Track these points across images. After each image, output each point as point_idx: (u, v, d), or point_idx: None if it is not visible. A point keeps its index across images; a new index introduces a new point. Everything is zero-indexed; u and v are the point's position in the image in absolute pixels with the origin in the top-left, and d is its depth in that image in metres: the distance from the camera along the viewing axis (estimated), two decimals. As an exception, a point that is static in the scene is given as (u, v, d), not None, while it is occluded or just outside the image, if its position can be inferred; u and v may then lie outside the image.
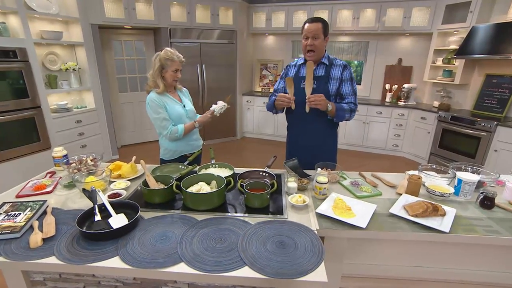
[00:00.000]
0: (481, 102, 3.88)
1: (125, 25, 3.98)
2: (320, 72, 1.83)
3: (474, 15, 3.63)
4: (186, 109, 1.96)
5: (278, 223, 1.19)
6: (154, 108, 1.81)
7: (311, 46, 1.73)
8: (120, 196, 1.40)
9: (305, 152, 1.85)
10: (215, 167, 1.70)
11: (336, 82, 1.81)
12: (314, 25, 1.71)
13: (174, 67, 1.83)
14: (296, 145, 1.99)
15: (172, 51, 1.82)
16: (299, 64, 1.91)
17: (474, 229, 1.17)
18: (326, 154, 1.83)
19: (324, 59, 1.83)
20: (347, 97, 1.83)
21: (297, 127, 1.95)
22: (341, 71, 1.81)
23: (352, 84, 1.84)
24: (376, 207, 1.29)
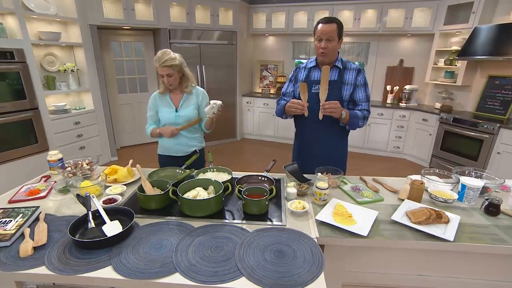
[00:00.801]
0: (484, 103, 3.84)
1: (124, 25, 3.95)
2: (333, 77, 1.73)
3: (477, 15, 3.59)
4: (177, 114, 1.91)
5: (277, 231, 1.16)
6: (148, 106, 1.98)
7: (324, 49, 1.63)
8: (115, 202, 1.37)
9: (314, 161, 1.73)
10: (213, 171, 1.67)
11: (350, 87, 1.72)
12: (328, 26, 1.60)
13: (159, 72, 1.79)
14: (304, 152, 1.90)
15: (159, 55, 1.76)
16: (310, 67, 1.80)
17: (479, 237, 1.13)
18: (335, 163, 1.68)
19: (338, 62, 1.73)
20: (360, 104, 1.75)
21: (307, 134, 1.85)
22: (355, 75, 1.72)
23: (366, 90, 1.75)
24: (377, 214, 1.25)
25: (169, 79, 1.81)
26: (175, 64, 1.78)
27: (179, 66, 1.82)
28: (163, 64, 1.74)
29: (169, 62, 1.75)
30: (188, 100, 1.95)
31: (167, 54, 1.77)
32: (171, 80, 1.82)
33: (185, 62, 1.89)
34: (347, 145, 1.92)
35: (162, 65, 1.75)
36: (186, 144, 2.00)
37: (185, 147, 2.01)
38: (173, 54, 1.80)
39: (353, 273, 1.25)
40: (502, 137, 3.25)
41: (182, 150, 2.01)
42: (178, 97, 1.94)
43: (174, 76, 1.82)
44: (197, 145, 2.06)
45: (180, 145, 2.00)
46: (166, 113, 1.91)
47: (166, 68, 1.76)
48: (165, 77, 1.80)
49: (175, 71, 1.81)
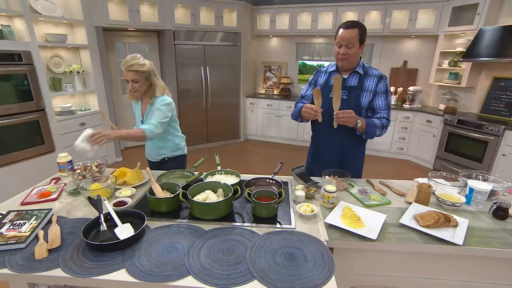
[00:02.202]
0: (488, 105, 3.84)
1: (129, 27, 3.98)
2: (353, 82, 1.67)
3: (482, 17, 3.59)
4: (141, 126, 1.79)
5: (287, 234, 1.17)
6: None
7: (343, 55, 1.58)
8: (125, 204, 1.39)
9: (328, 166, 1.68)
10: (221, 174, 1.69)
11: (370, 95, 1.65)
12: (349, 32, 1.53)
13: (124, 76, 1.76)
14: (319, 158, 1.86)
15: (128, 58, 1.72)
16: (330, 71, 1.75)
17: (488, 241, 1.14)
18: (351, 170, 1.63)
19: (359, 68, 1.66)
20: (379, 112, 1.67)
21: (322, 140, 1.81)
22: (376, 82, 1.65)
23: (387, 98, 1.67)
24: (386, 217, 1.26)
25: (134, 85, 1.76)
26: (142, 70, 1.73)
27: (147, 73, 1.76)
28: (129, 68, 1.70)
29: (135, 67, 1.71)
30: (151, 112, 1.86)
31: (136, 58, 1.73)
32: (136, 86, 1.76)
33: (156, 71, 1.83)
34: (364, 153, 1.87)
35: (128, 69, 1.70)
36: (155, 152, 2.02)
37: (154, 154, 2.03)
38: (144, 61, 1.76)
39: (361, 275, 1.26)
40: (508, 139, 3.24)
41: (152, 156, 2.04)
42: (145, 107, 1.91)
43: (140, 82, 1.76)
44: (167, 154, 2.00)
45: (151, 151, 2.04)
46: (137, 120, 1.96)
47: (132, 73, 1.71)
48: (130, 82, 1.75)
49: (142, 78, 1.75)
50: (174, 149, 2.02)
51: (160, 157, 2.02)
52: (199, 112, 4.87)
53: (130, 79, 1.74)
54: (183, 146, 2.09)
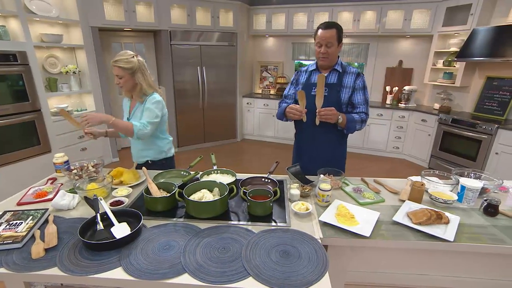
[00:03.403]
0: (482, 104, 3.89)
1: (125, 27, 3.97)
2: (333, 80, 1.77)
3: (475, 17, 3.64)
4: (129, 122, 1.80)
5: (282, 232, 1.19)
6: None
7: (324, 54, 1.68)
8: (122, 204, 1.39)
9: (313, 163, 1.78)
10: (217, 173, 1.70)
11: (349, 91, 1.76)
12: (328, 32, 1.64)
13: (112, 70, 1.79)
14: (303, 154, 1.94)
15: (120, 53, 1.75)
16: (311, 70, 1.85)
17: (479, 237, 1.17)
18: (334, 164, 1.74)
19: (337, 66, 1.77)
20: (358, 107, 1.79)
21: (305, 137, 1.90)
22: (354, 79, 1.76)
23: (365, 93, 1.79)
24: (379, 214, 1.28)
25: (119, 80, 1.77)
26: (127, 67, 1.72)
27: (132, 71, 1.75)
28: (115, 63, 1.72)
29: (120, 64, 1.71)
30: (138, 109, 1.86)
31: (124, 55, 1.74)
32: (121, 82, 1.77)
33: (145, 70, 1.81)
34: (346, 147, 1.97)
35: (113, 64, 1.73)
36: (138, 154, 2.01)
37: (137, 156, 2.01)
38: (132, 58, 1.74)
39: (355, 272, 1.28)
40: (500, 138, 3.29)
41: (135, 157, 2.03)
42: (133, 104, 1.92)
43: (125, 79, 1.76)
44: (150, 157, 1.97)
45: (136, 152, 2.02)
46: (124, 117, 1.97)
47: (116, 68, 1.73)
48: (115, 77, 1.78)
49: (126, 74, 1.75)
50: (158, 153, 1.98)
51: (143, 159, 1.99)
52: (195, 112, 4.88)
53: (115, 74, 1.76)
54: (167, 149, 2.01)
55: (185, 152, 4.80)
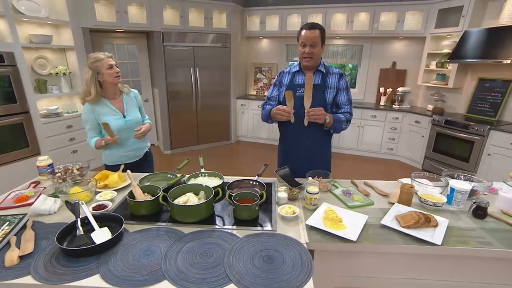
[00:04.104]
0: (474, 106, 3.90)
1: (117, 28, 3.94)
2: (317, 81, 1.78)
3: (466, 19, 3.65)
4: (126, 119, 1.87)
5: (267, 236, 1.16)
6: (84, 118, 1.85)
7: (309, 54, 1.68)
8: (105, 208, 1.36)
9: (299, 164, 1.78)
10: (204, 176, 1.67)
11: (333, 91, 1.78)
12: (312, 33, 1.65)
13: (106, 64, 1.73)
14: (289, 156, 1.92)
15: (95, 53, 1.75)
16: (294, 72, 1.83)
17: (467, 240, 1.15)
18: (321, 165, 1.78)
19: (321, 66, 1.78)
20: (343, 107, 1.81)
21: (292, 138, 1.88)
22: (338, 79, 1.78)
23: (348, 93, 1.82)
24: (367, 218, 1.26)
25: (117, 69, 1.79)
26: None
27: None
28: (108, 54, 1.76)
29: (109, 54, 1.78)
30: (130, 103, 1.93)
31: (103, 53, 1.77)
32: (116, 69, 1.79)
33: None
34: (331, 147, 1.98)
35: (107, 55, 1.75)
36: (137, 148, 1.99)
37: (136, 151, 1.99)
38: None
39: (343, 277, 1.25)
40: (492, 139, 3.29)
41: (135, 155, 2.00)
42: (119, 101, 1.88)
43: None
44: (148, 145, 2.09)
45: (133, 151, 1.97)
46: (114, 121, 1.82)
47: (112, 59, 1.77)
48: (114, 67, 1.76)
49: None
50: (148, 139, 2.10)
51: (143, 152, 2.05)
52: (189, 114, 4.84)
53: (113, 64, 1.76)
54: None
55: (179, 154, 4.76)
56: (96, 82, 1.76)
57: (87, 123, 1.84)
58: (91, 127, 1.85)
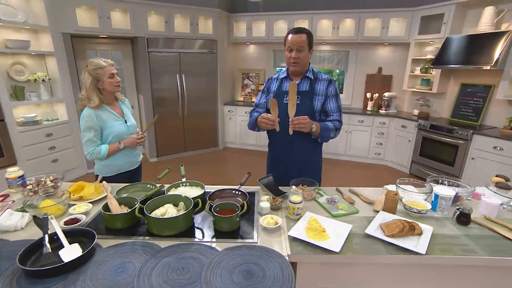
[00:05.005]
0: (458, 110, 3.98)
1: (100, 34, 3.86)
2: (305, 87, 1.73)
3: (448, 26, 3.75)
4: (128, 124, 1.88)
5: (247, 249, 1.12)
6: (88, 125, 1.72)
7: (295, 59, 1.64)
8: (78, 222, 1.29)
9: (287, 172, 1.73)
10: (185, 186, 1.62)
11: (321, 98, 1.72)
12: (298, 37, 1.60)
13: (108, 73, 1.71)
14: (277, 164, 1.88)
15: (97, 59, 1.72)
16: (282, 78, 1.80)
17: (451, 248, 1.14)
18: (310, 172, 1.73)
19: (309, 73, 1.73)
20: (331, 114, 1.76)
21: (279, 146, 1.84)
22: (326, 86, 1.73)
23: (337, 100, 1.77)
24: (351, 227, 1.24)
25: (117, 77, 1.78)
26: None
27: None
28: (110, 61, 1.74)
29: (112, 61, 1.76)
30: (127, 109, 1.94)
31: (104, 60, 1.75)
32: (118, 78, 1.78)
33: None
34: (321, 156, 1.91)
35: (110, 63, 1.73)
36: (135, 154, 1.97)
37: (136, 157, 1.98)
38: None
39: (328, 289, 1.22)
40: (475, 143, 3.36)
41: (135, 162, 1.97)
42: (117, 107, 1.88)
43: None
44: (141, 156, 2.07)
45: (133, 156, 1.95)
46: (118, 126, 1.81)
47: (114, 67, 1.76)
48: (115, 76, 1.76)
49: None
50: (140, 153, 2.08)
51: (140, 158, 2.03)
52: (175, 121, 4.77)
53: (115, 73, 1.76)
54: None
55: (164, 162, 4.67)
56: (97, 89, 1.74)
57: (90, 130, 1.73)
58: (95, 133, 1.75)
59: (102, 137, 1.79)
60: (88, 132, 1.73)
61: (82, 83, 1.74)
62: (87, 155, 1.78)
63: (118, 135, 1.80)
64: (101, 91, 1.76)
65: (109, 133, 1.78)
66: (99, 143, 1.78)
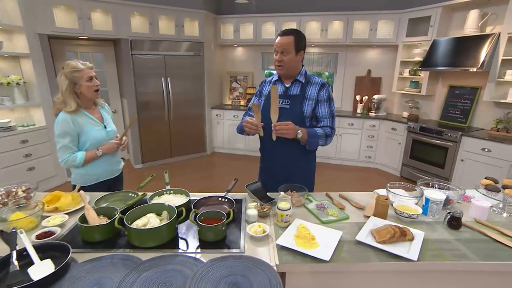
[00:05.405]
0: (447, 112, 4.07)
1: (80, 35, 3.78)
2: (295, 91, 1.69)
3: (435, 28, 3.85)
4: (107, 130, 1.82)
5: (234, 259, 1.09)
6: (63, 130, 1.65)
7: (279, 62, 1.61)
8: (52, 235, 1.23)
9: (277, 179, 1.67)
10: (169, 194, 1.58)
11: (312, 103, 1.67)
12: (284, 39, 1.58)
13: (86, 76, 1.67)
14: (266, 170, 1.87)
15: (75, 61, 1.67)
16: (274, 81, 1.78)
17: (442, 254, 1.14)
18: (302, 178, 1.68)
19: (300, 76, 1.69)
20: (322, 120, 1.69)
21: (267, 152, 1.82)
22: (318, 90, 1.67)
23: (330, 105, 1.70)
24: (341, 234, 1.23)
25: (96, 81, 1.73)
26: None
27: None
28: (89, 64, 1.70)
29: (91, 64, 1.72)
30: (106, 115, 1.90)
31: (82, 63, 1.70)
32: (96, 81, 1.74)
33: None
34: (313, 163, 1.87)
35: (88, 66, 1.69)
36: (115, 161, 1.92)
37: (116, 164, 1.93)
38: None
39: (318, 299, 1.20)
40: (464, 145, 3.44)
41: (115, 169, 1.92)
42: (95, 111, 1.83)
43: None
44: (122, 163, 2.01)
45: (113, 164, 1.90)
46: (97, 131, 1.75)
47: (92, 70, 1.72)
48: (94, 79, 1.71)
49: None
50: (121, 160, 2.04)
51: (122, 165, 1.99)
52: (161, 125, 4.70)
53: (93, 76, 1.72)
54: None
55: (150, 169, 4.58)
56: (74, 93, 1.68)
57: (66, 135, 1.66)
58: (71, 139, 1.68)
59: (79, 143, 1.73)
60: (62, 138, 1.66)
61: (58, 86, 1.67)
62: (62, 163, 1.70)
63: (97, 142, 1.74)
64: (78, 95, 1.70)
65: (86, 139, 1.71)
66: (75, 150, 1.71)
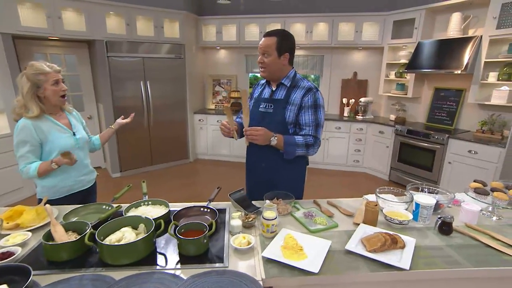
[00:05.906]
0: (433, 114, 4.18)
1: (50, 36, 3.65)
2: (280, 95, 1.64)
3: (419, 31, 3.97)
4: (77, 137, 1.72)
5: (216, 275, 1.04)
6: (21, 139, 1.55)
7: (261, 64, 1.60)
8: (12, 256, 1.14)
9: (261, 187, 1.62)
10: (147, 205, 1.51)
11: (295, 108, 1.59)
12: (266, 40, 1.56)
13: (51, 79, 1.56)
14: (251, 177, 1.85)
15: (39, 63, 1.57)
16: (263, 84, 1.78)
17: (434, 261, 1.13)
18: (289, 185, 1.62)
19: (285, 79, 1.64)
20: (304, 128, 1.60)
21: (250, 158, 1.80)
22: (302, 95, 1.59)
23: (316, 113, 1.59)
24: (330, 244, 1.20)
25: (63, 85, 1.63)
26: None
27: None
28: (56, 67, 1.60)
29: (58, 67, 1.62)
30: (75, 120, 1.79)
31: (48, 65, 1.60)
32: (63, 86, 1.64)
33: None
34: (303, 167, 1.80)
35: (56, 69, 1.60)
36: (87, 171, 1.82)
37: (88, 175, 1.84)
38: None
39: (308, 314, 1.16)
40: (451, 147, 3.53)
41: (87, 180, 1.82)
42: (63, 117, 1.72)
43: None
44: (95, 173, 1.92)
45: (84, 174, 1.80)
46: (64, 139, 1.65)
47: (59, 74, 1.62)
48: (60, 83, 1.61)
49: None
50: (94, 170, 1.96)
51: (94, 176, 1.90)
52: (140, 132, 4.59)
53: (60, 80, 1.61)
54: None
55: (128, 178, 4.44)
56: (36, 97, 1.56)
57: (25, 144, 1.55)
58: (31, 149, 1.57)
59: (43, 153, 1.62)
60: (22, 146, 1.56)
61: (19, 90, 1.56)
62: (20, 174, 1.60)
63: (64, 150, 1.60)
64: (41, 99, 1.59)
65: (52, 148, 1.60)
66: (33, 161, 1.59)
